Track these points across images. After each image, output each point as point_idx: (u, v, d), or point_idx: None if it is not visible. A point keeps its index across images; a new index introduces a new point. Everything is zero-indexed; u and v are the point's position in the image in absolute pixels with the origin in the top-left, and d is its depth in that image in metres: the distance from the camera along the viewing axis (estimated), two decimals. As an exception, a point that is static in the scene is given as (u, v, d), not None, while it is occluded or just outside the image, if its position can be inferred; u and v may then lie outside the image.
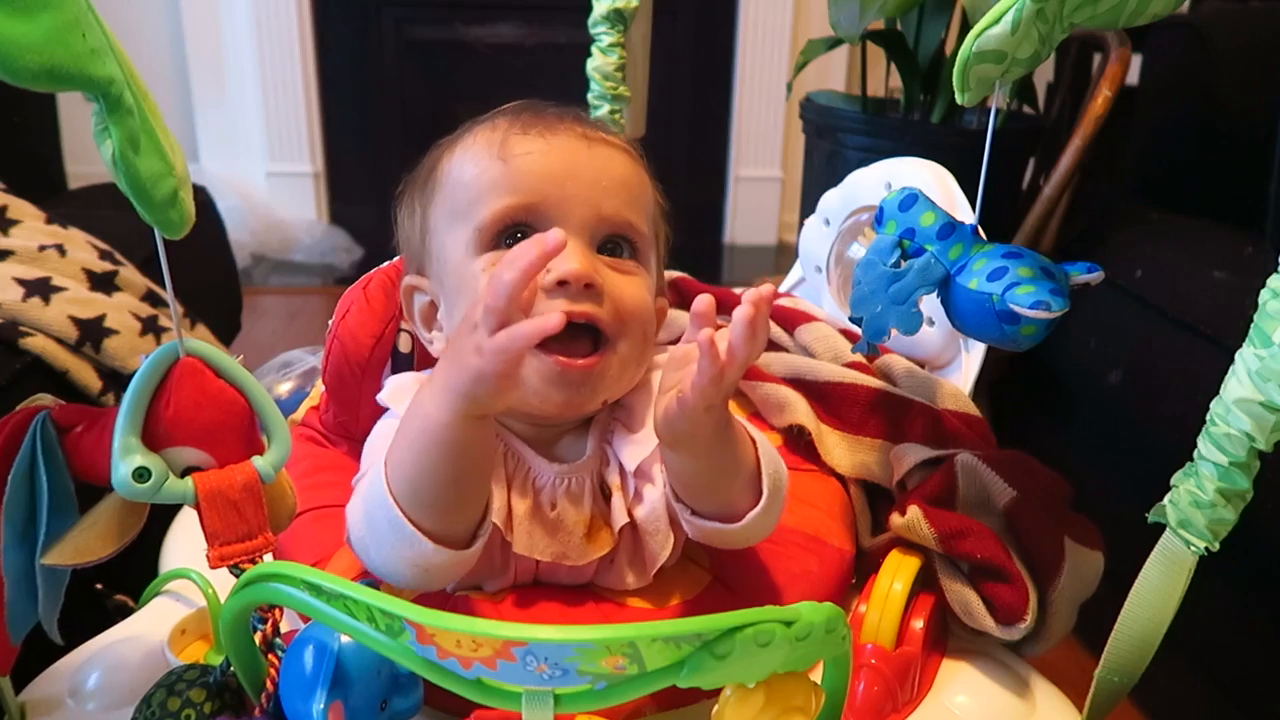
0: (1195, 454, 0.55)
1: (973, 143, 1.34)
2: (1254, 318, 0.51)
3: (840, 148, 1.43)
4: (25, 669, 0.58)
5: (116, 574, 0.61)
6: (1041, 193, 1.32)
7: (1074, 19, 0.55)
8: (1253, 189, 1.22)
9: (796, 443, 0.76)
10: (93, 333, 0.93)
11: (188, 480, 0.49)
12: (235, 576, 0.48)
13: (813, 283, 0.96)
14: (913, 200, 0.65)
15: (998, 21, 0.53)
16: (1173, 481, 0.56)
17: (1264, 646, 0.93)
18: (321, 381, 0.76)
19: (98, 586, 0.71)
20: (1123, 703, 0.60)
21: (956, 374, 0.83)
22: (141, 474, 0.48)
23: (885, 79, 1.58)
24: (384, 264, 0.74)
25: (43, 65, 0.37)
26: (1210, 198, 1.34)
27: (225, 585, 0.49)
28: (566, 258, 0.55)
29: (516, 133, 0.60)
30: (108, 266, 1.02)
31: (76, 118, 0.57)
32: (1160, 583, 0.57)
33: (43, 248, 1.00)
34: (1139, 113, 1.46)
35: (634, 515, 0.60)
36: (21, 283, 0.93)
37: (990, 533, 0.63)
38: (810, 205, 0.96)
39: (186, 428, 0.49)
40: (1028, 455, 0.69)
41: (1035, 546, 0.64)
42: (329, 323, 0.73)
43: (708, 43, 2.70)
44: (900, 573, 0.63)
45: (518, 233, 0.59)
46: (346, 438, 0.75)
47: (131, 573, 0.69)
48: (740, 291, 0.52)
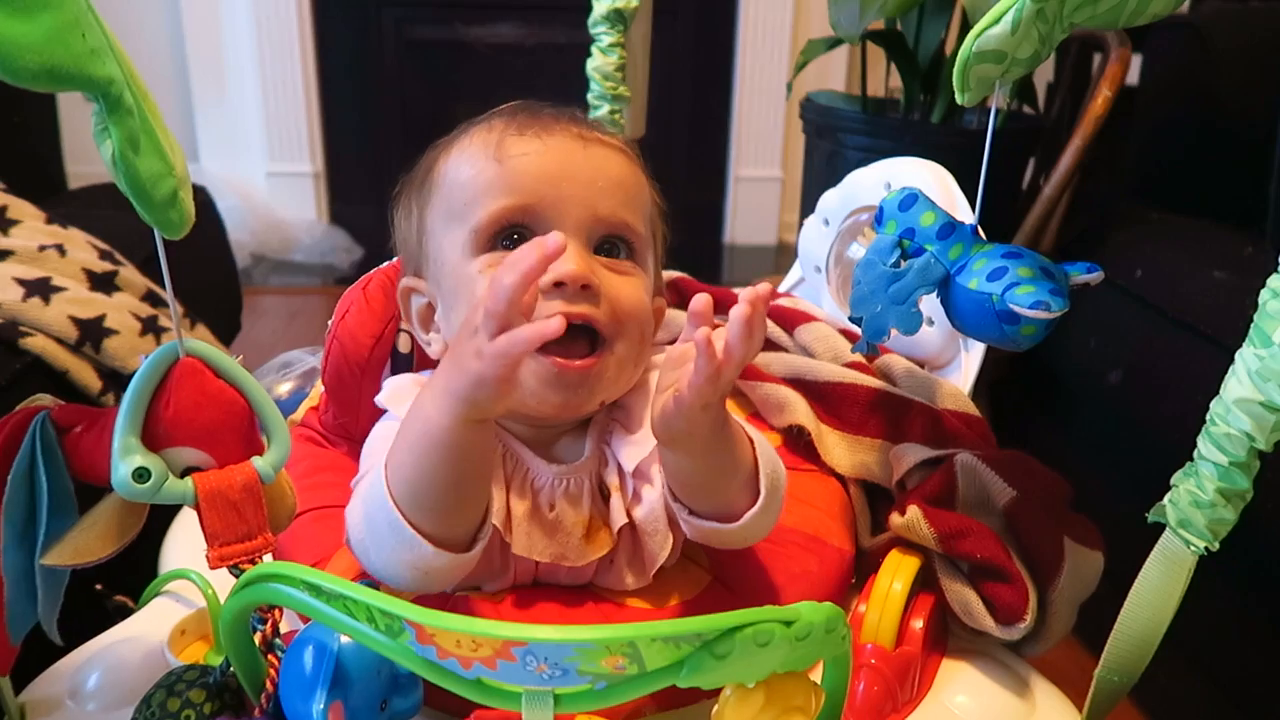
0: (1195, 454, 0.55)
1: (973, 143, 1.34)
2: (1254, 318, 0.51)
3: (840, 148, 1.43)
4: (25, 669, 0.58)
5: (116, 574, 0.61)
6: (1041, 193, 1.32)
7: (1074, 19, 0.55)
8: (1253, 189, 1.22)
9: (796, 443, 0.76)
10: (93, 333, 0.93)
11: (187, 480, 0.49)
12: (235, 577, 0.48)
13: (812, 283, 0.96)
14: (912, 200, 0.65)
15: (998, 21, 0.53)
16: (1173, 481, 0.56)
17: (1264, 646, 0.93)
18: (321, 382, 0.76)
19: (97, 587, 0.71)
20: (1123, 702, 0.60)
21: (956, 374, 0.83)
22: (141, 474, 0.48)
23: (885, 79, 1.58)
24: (384, 264, 0.74)
25: (43, 65, 0.37)
26: (1210, 198, 1.34)
27: (225, 586, 0.49)
28: (563, 259, 0.55)
29: (512, 134, 0.60)
30: (108, 266, 1.03)
31: (76, 118, 0.57)
32: (1160, 582, 0.57)
33: (43, 248, 1.00)
34: (1139, 113, 1.46)
35: (633, 516, 0.60)
36: (21, 283, 0.93)
37: (990, 533, 0.63)
38: (810, 205, 0.96)
39: (186, 428, 0.49)
40: (1028, 455, 0.68)
41: (1035, 546, 0.64)
42: (328, 323, 0.73)
43: (708, 43, 2.70)
44: (900, 572, 0.63)
45: (514, 234, 0.59)
46: (346, 438, 0.75)
47: (131, 573, 0.69)
48: (739, 292, 0.52)
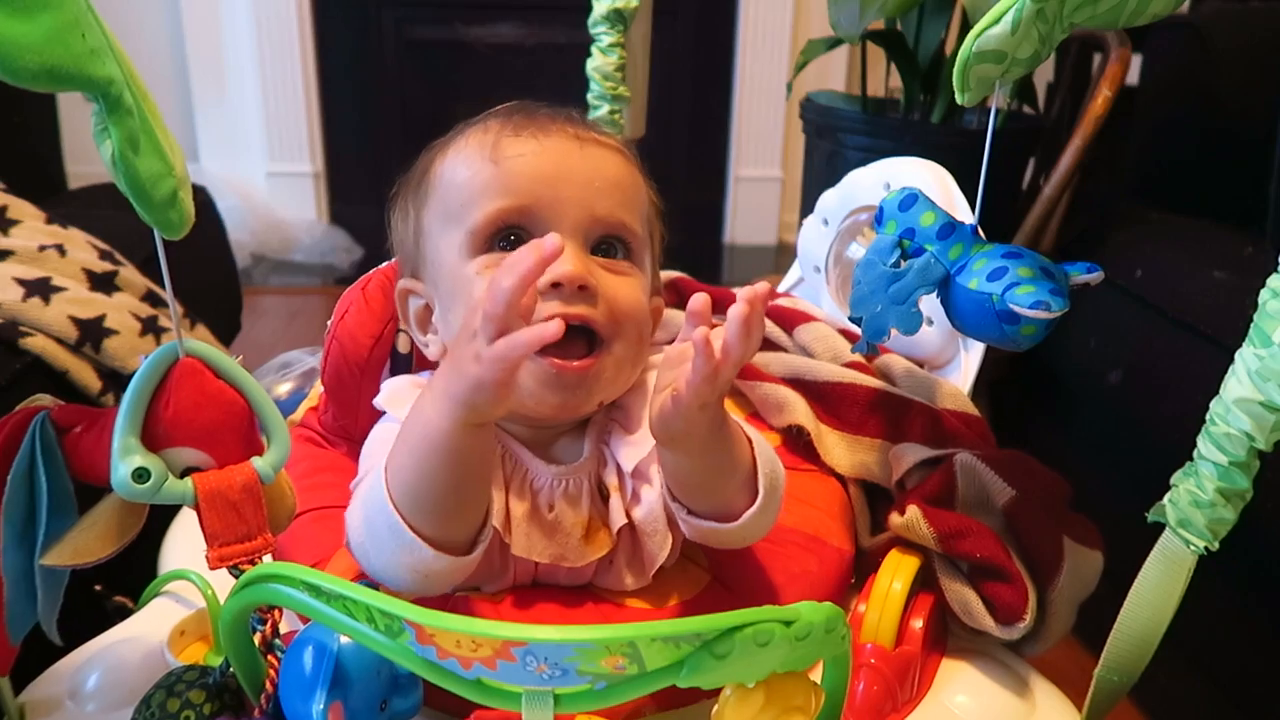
0: (1195, 454, 0.55)
1: (973, 143, 1.34)
2: (1254, 318, 0.51)
3: (840, 148, 1.43)
4: (25, 669, 0.58)
5: (116, 574, 0.61)
6: (1041, 193, 1.32)
7: (1074, 19, 0.55)
8: (1253, 189, 1.22)
9: (796, 443, 0.76)
10: (92, 333, 0.93)
11: (187, 481, 0.49)
12: (235, 577, 0.48)
13: (811, 283, 0.96)
14: (912, 200, 0.65)
15: (998, 21, 0.53)
16: (1172, 481, 0.56)
17: (1264, 646, 0.93)
18: (320, 382, 0.76)
19: (97, 587, 0.71)
20: (1122, 702, 0.60)
21: (956, 374, 0.83)
22: (141, 474, 0.48)
23: (885, 79, 1.58)
24: (383, 264, 0.74)
25: (43, 65, 0.37)
26: (1210, 198, 1.34)
27: (224, 586, 0.49)
28: (560, 260, 0.55)
29: (508, 134, 0.60)
30: (108, 266, 1.02)
31: (76, 118, 0.57)
32: (1160, 582, 0.57)
33: (43, 248, 1.00)
34: (1139, 113, 1.46)
35: (632, 516, 0.60)
36: (21, 283, 0.93)
37: (990, 532, 0.63)
38: (810, 205, 0.96)
39: (186, 428, 0.49)
40: (1027, 455, 0.68)
41: (1035, 546, 0.64)
42: (328, 323, 0.73)
43: (708, 43, 2.69)
44: (900, 572, 0.63)
45: (511, 235, 0.59)
46: (345, 438, 0.75)
47: (131, 573, 0.69)
48: (738, 291, 0.52)
